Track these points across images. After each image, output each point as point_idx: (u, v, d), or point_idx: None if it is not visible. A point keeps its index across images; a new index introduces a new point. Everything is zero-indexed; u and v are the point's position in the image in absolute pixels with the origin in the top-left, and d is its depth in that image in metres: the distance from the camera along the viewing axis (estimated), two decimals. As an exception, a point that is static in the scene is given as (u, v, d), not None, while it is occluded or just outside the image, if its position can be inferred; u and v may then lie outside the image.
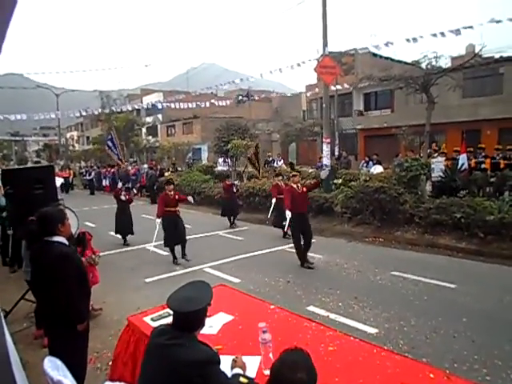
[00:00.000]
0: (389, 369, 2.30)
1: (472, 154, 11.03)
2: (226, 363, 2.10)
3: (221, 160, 18.68)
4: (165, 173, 20.15)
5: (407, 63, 15.27)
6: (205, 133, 30.32)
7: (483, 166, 10.59)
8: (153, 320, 2.95)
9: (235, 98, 31.85)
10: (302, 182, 8.81)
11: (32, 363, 3.63)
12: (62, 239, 2.89)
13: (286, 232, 8.83)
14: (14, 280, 6.38)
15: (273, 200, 9.43)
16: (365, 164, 15.32)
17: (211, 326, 2.80)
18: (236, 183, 12.53)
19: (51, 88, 38.51)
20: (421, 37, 11.39)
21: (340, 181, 11.34)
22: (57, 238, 2.85)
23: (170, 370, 1.84)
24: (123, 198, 9.44)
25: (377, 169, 13.21)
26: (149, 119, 39.57)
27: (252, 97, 32.40)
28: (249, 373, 2.15)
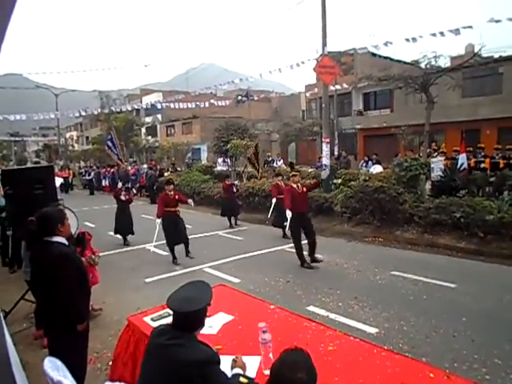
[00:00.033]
0: (389, 368, 2.30)
1: (471, 154, 11.02)
2: (226, 363, 2.10)
3: (220, 160, 18.69)
4: (164, 173, 20.15)
5: (406, 63, 15.28)
6: (204, 133, 30.33)
7: (483, 166, 10.59)
8: (153, 320, 2.95)
9: (234, 98, 31.82)
10: (302, 182, 8.81)
11: (32, 364, 3.63)
12: (62, 239, 2.89)
13: (286, 232, 8.84)
14: (14, 280, 6.38)
15: (273, 200, 9.42)
16: (364, 164, 15.31)
17: (211, 326, 2.80)
18: (236, 183, 12.54)
19: (50, 88, 38.50)
20: (420, 36, 11.36)
21: (339, 181, 11.33)
22: (56, 239, 2.85)
23: (170, 370, 1.84)
24: (123, 198, 9.46)
25: (376, 168, 13.20)
26: (148, 119, 39.56)
27: (251, 97, 32.40)
28: (249, 373, 2.15)
